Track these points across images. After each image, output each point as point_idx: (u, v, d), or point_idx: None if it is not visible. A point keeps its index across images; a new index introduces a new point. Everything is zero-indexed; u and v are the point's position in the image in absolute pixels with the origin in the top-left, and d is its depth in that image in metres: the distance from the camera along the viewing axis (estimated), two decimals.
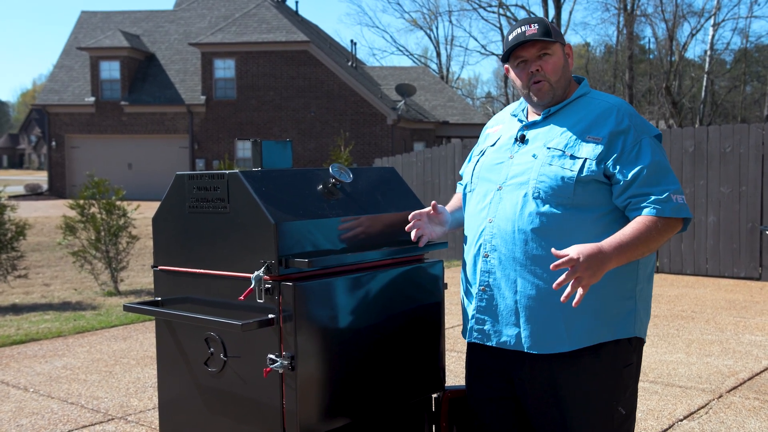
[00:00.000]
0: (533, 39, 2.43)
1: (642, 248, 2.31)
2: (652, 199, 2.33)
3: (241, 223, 2.47)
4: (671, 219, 2.34)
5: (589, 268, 2.18)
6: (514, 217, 2.41)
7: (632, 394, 2.50)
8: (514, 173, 2.46)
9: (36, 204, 25.81)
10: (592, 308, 2.39)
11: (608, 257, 2.23)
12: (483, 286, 2.49)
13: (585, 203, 2.37)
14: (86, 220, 9.16)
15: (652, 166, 2.35)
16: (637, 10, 34.04)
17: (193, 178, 2.62)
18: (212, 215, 2.56)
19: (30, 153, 76.53)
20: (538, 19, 2.49)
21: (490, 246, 2.46)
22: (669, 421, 4.53)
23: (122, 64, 29.68)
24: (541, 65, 2.46)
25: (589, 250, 2.20)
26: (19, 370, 5.86)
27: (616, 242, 2.27)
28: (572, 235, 2.35)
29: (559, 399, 2.44)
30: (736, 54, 38.86)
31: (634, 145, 2.38)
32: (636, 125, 2.42)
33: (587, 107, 2.48)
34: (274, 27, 28.88)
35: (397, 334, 2.69)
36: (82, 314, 8.02)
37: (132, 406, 4.95)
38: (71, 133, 30.34)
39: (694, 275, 10.24)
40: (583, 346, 2.40)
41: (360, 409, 2.57)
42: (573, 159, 2.37)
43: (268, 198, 2.43)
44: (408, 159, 12.95)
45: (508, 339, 2.46)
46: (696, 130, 10.36)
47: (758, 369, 5.60)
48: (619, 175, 2.35)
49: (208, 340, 2.58)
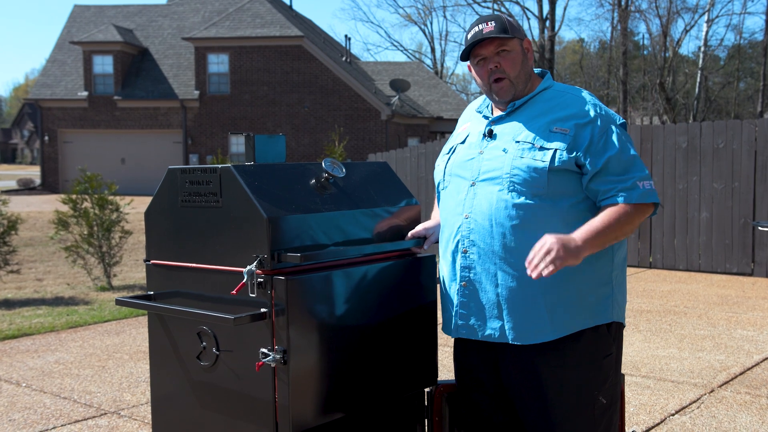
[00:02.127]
0: (490, 37, 2.47)
1: (614, 233, 2.39)
2: (618, 188, 2.41)
3: (233, 218, 2.47)
4: (639, 204, 2.42)
5: (566, 251, 2.26)
6: (490, 211, 2.45)
7: (613, 384, 2.54)
8: (486, 168, 2.50)
9: (28, 199, 25.72)
10: (573, 296, 2.45)
11: (583, 244, 2.31)
12: (464, 281, 2.53)
13: (559, 192, 2.43)
14: (79, 215, 9.14)
15: (619, 155, 2.42)
16: (632, 6, 34.07)
17: (186, 173, 2.61)
18: (205, 209, 2.56)
19: (22, 148, 76.27)
20: (494, 17, 2.53)
21: (468, 241, 2.51)
22: (661, 416, 4.55)
23: (115, 59, 29.58)
24: (499, 62, 2.51)
25: (564, 237, 2.29)
26: (11, 364, 5.85)
27: (590, 229, 2.35)
28: (549, 224, 2.40)
29: (542, 389, 2.49)
30: (729, 50, 38.95)
31: (602, 134, 2.44)
32: (602, 115, 2.48)
33: (551, 99, 2.53)
34: (268, 22, 28.81)
35: (390, 328, 2.69)
36: (74, 309, 8.01)
37: (125, 400, 4.94)
38: (64, 127, 30.24)
39: (686, 271, 10.27)
40: (566, 333, 2.45)
41: (353, 403, 2.57)
42: (543, 150, 2.42)
43: (261, 192, 2.43)
44: (402, 154, 12.95)
45: (493, 332, 2.50)
46: (689, 126, 10.39)
47: (750, 364, 5.63)
48: (589, 165, 2.41)
49: (201, 335, 2.57)
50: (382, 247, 2.68)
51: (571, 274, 2.41)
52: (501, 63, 2.50)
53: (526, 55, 2.55)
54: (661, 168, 10.42)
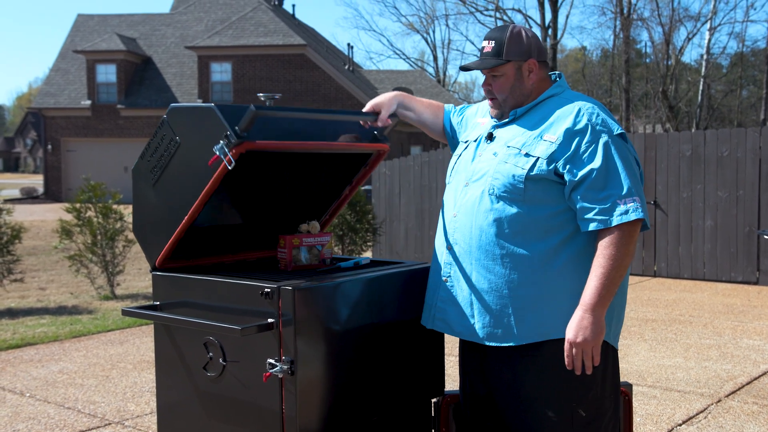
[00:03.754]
0: (480, 66, 2.55)
1: (617, 274, 2.35)
2: (596, 210, 2.35)
3: (195, 141, 2.55)
4: (625, 225, 2.34)
5: (584, 339, 2.34)
6: (473, 212, 2.52)
7: (597, 398, 2.49)
8: (477, 170, 2.56)
9: (32, 207, 25.74)
10: (546, 304, 2.45)
11: (596, 313, 2.35)
12: (446, 276, 2.61)
13: (537, 200, 2.44)
14: (82, 224, 9.13)
15: (602, 169, 2.36)
16: (634, 14, 34.10)
17: (143, 155, 2.75)
18: (172, 162, 2.63)
19: (26, 156, 76.39)
20: (496, 35, 2.56)
21: (452, 239, 2.59)
22: (668, 426, 4.52)
23: (119, 68, 29.66)
24: (491, 84, 2.58)
25: (576, 322, 2.35)
26: (15, 374, 5.83)
27: (593, 293, 2.34)
28: (526, 231, 2.43)
29: (519, 393, 2.51)
30: (732, 58, 38.93)
31: (589, 145, 2.39)
32: (594, 125, 2.42)
33: (553, 107, 2.53)
34: (270, 30, 28.88)
35: (397, 338, 2.68)
36: (78, 318, 7.99)
37: (129, 410, 4.92)
38: (67, 136, 30.29)
39: (691, 279, 10.24)
40: (530, 341, 2.46)
41: (360, 414, 2.55)
42: (527, 157, 2.44)
43: (209, 108, 2.50)
44: (405, 163, 12.94)
45: (464, 330, 2.56)
46: (693, 134, 10.37)
47: (756, 373, 5.60)
48: (568, 175, 2.39)
49: (207, 345, 2.56)
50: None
51: (545, 283, 2.43)
52: (492, 85, 2.58)
53: (522, 77, 2.55)
54: (665, 176, 10.40)
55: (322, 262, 2.86)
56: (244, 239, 3.05)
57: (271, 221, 3.07)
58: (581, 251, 2.43)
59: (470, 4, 37.12)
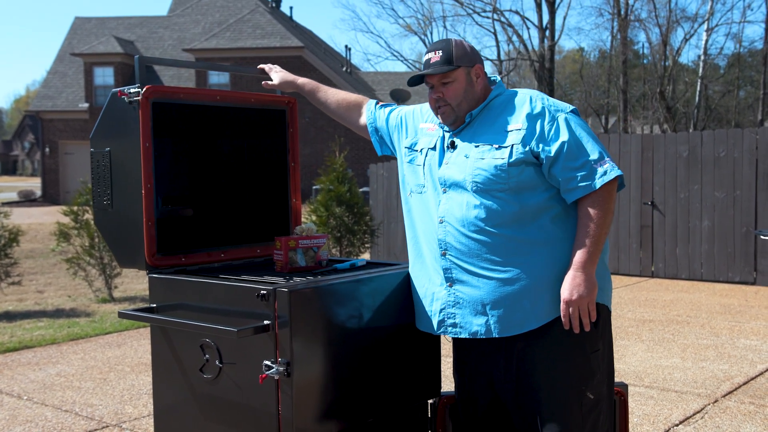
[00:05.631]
0: (428, 73, 2.64)
1: (602, 232, 2.52)
2: (578, 178, 2.52)
3: (118, 143, 2.80)
4: (605, 185, 2.52)
5: (579, 295, 2.48)
6: (462, 214, 2.59)
7: (600, 382, 2.62)
8: (451, 175, 2.63)
9: (29, 210, 25.73)
10: (554, 281, 2.55)
11: (587, 271, 2.50)
12: (449, 282, 2.64)
13: (522, 187, 2.55)
14: (80, 227, 9.13)
15: (570, 140, 2.54)
16: (631, 15, 34.12)
17: (94, 200, 2.98)
18: (114, 177, 2.84)
19: (23, 159, 76.32)
20: (443, 45, 2.67)
21: (445, 243, 2.63)
22: (665, 426, 4.53)
23: (116, 70, 29.65)
24: (443, 91, 2.66)
25: (569, 281, 2.49)
26: (12, 377, 5.83)
27: (582, 252, 2.50)
28: (518, 217, 2.55)
29: (531, 382, 2.57)
30: (729, 59, 38.96)
31: (552, 123, 2.56)
32: (548, 106, 2.61)
33: (504, 103, 2.68)
34: (268, 33, 28.89)
35: (393, 339, 2.69)
36: (76, 321, 7.99)
37: (126, 413, 4.92)
38: (65, 139, 30.27)
39: (689, 280, 10.25)
40: (549, 319, 2.55)
41: (356, 416, 2.56)
42: (501, 149, 2.57)
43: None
44: None
45: (479, 329, 2.60)
46: (690, 134, 10.39)
47: (753, 373, 5.61)
48: (543, 153, 2.54)
49: (204, 347, 2.57)
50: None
51: (551, 263, 2.55)
52: (444, 93, 2.65)
53: (472, 82, 2.68)
54: (662, 177, 10.41)
55: (318, 263, 2.86)
56: (222, 230, 3.10)
57: (239, 207, 3.18)
58: (575, 224, 2.58)
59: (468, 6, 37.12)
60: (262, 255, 3.12)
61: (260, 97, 3.14)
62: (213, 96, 2.98)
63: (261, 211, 3.21)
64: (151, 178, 2.74)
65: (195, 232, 2.99)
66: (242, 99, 3.10)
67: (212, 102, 3.00)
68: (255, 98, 3.13)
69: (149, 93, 2.71)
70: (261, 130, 3.21)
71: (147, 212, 2.72)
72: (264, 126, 3.21)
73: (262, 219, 3.20)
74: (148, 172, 2.73)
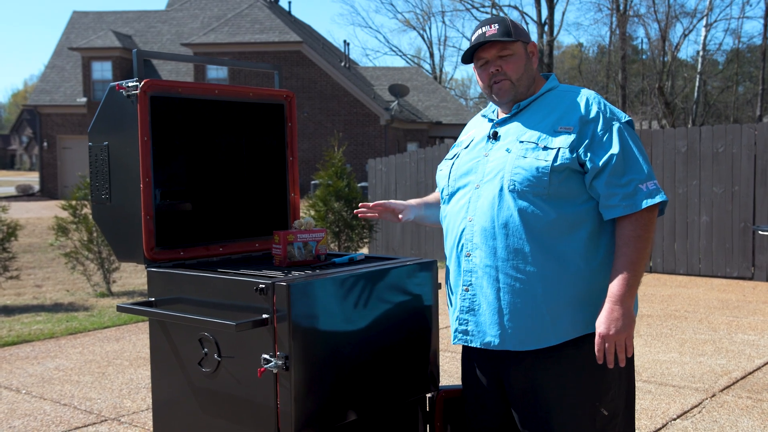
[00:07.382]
0: (492, 40, 2.46)
1: (642, 262, 2.35)
2: (620, 196, 2.35)
3: (116, 137, 2.81)
4: (647, 208, 2.35)
5: (617, 330, 2.32)
6: (493, 213, 2.42)
7: (615, 397, 2.47)
8: (489, 170, 2.48)
9: (28, 205, 25.70)
10: (576, 300, 2.40)
11: (625, 305, 2.33)
12: (466, 285, 2.50)
13: (561, 194, 2.38)
14: (78, 221, 9.12)
15: (620, 154, 2.36)
16: (630, 10, 34.10)
17: (92, 193, 2.95)
18: (112, 170, 2.84)
19: (21, 154, 76.20)
20: (498, 19, 2.52)
21: (471, 245, 2.47)
22: (662, 420, 4.54)
23: (114, 65, 29.59)
24: (501, 65, 2.50)
25: (606, 314, 2.32)
26: (11, 371, 5.83)
27: (621, 283, 2.32)
28: (552, 226, 2.37)
29: (542, 398, 2.44)
30: (728, 54, 38.98)
31: (604, 132, 2.39)
32: (604, 113, 2.43)
33: (556, 100, 2.51)
34: (266, 27, 28.83)
35: (392, 334, 2.68)
36: (74, 315, 7.99)
37: (125, 407, 4.93)
38: (63, 133, 30.22)
39: (687, 275, 10.26)
40: (567, 338, 2.41)
41: (355, 409, 2.56)
42: (546, 150, 2.39)
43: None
44: (401, 159, 12.95)
45: (492, 339, 2.46)
46: (689, 130, 10.39)
47: (751, 368, 5.62)
48: (590, 163, 2.36)
49: (202, 341, 2.57)
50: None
51: (575, 278, 2.38)
52: (503, 66, 2.49)
53: (530, 59, 2.54)
54: (661, 172, 10.41)
55: (316, 258, 2.86)
56: (221, 224, 3.12)
57: (237, 201, 3.19)
58: (607, 244, 2.42)
59: (466, 1, 37.11)
60: (260, 249, 3.12)
61: (258, 91, 3.13)
62: (211, 90, 2.98)
63: (259, 205, 3.22)
64: (149, 172, 2.73)
65: (193, 226, 3.00)
66: (240, 93, 3.10)
67: (210, 96, 3.00)
68: (253, 93, 3.12)
69: (147, 87, 2.71)
70: (259, 124, 3.21)
71: (145, 206, 2.72)
72: (262, 120, 3.20)
73: (261, 213, 3.21)
74: (146, 166, 2.72)
